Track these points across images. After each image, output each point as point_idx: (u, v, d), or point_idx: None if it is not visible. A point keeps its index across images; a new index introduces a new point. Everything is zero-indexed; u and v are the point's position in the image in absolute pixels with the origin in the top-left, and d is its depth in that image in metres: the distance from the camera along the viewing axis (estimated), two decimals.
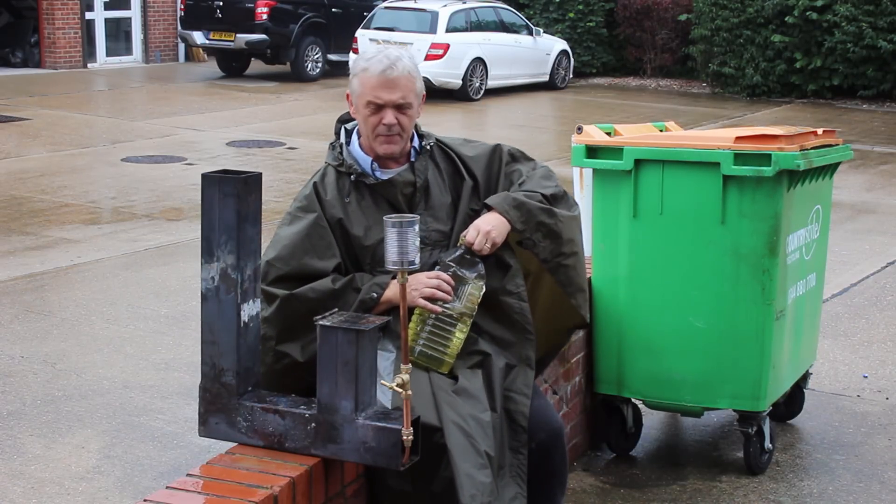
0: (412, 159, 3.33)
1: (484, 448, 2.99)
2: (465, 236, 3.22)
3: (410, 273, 2.87)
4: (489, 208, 3.27)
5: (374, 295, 3.17)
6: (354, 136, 3.37)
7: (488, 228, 3.20)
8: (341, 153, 3.33)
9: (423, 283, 3.15)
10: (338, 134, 3.40)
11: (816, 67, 18.79)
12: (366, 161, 3.31)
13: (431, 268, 3.25)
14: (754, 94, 19.36)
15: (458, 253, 3.21)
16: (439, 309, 3.16)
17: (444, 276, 3.18)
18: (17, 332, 6.25)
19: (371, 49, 3.32)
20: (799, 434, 4.96)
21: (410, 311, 3.15)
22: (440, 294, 3.15)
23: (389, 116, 3.21)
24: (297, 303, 3.12)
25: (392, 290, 3.15)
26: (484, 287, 3.20)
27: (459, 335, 3.19)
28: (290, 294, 3.12)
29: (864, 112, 17.87)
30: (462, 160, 3.39)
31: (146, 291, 7.09)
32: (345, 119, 3.42)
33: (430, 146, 3.36)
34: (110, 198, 10.09)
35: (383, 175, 3.30)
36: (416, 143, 3.36)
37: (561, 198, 3.37)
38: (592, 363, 4.58)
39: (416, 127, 3.37)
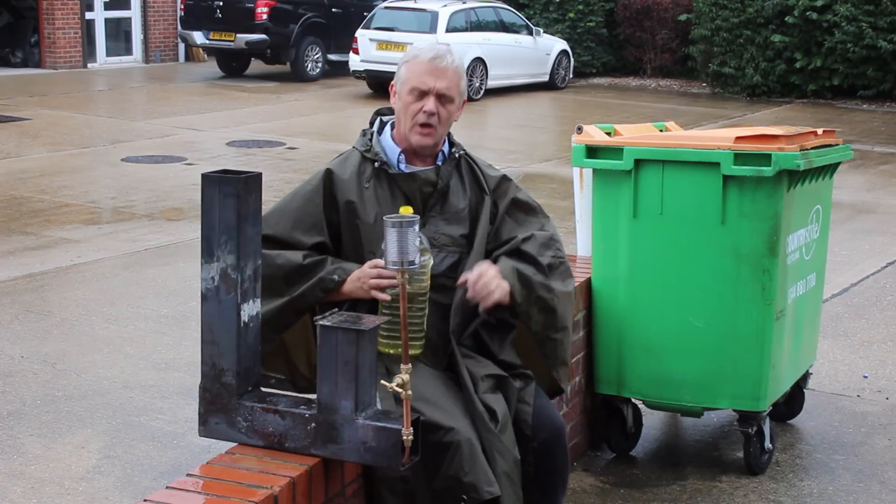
0: (438, 162, 3.35)
1: (520, 492, 3.10)
2: (469, 279, 3.18)
3: (410, 273, 2.87)
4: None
5: (336, 277, 3.19)
6: (388, 128, 3.40)
7: (495, 285, 3.20)
8: (371, 140, 3.36)
9: (367, 275, 3.14)
10: (372, 123, 3.44)
11: (816, 67, 18.80)
12: (393, 151, 3.34)
13: (446, 270, 3.27)
14: (754, 94, 19.36)
15: None
16: (388, 297, 3.11)
17: (381, 261, 3.11)
18: (17, 332, 6.25)
19: (422, 43, 3.36)
20: (799, 434, 4.96)
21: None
22: (385, 282, 3.11)
23: (431, 104, 3.23)
24: (263, 263, 3.11)
25: (350, 286, 3.17)
26: (431, 259, 3.13)
27: (418, 315, 3.13)
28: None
29: (864, 112, 17.87)
30: (485, 177, 3.42)
31: (146, 291, 7.09)
32: (383, 112, 3.46)
33: (459, 155, 3.39)
34: (110, 198, 10.09)
35: (407, 169, 3.32)
36: (445, 148, 3.38)
37: (557, 267, 3.38)
38: (592, 363, 4.58)
39: (450, 134, 3.40)
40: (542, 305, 3.32)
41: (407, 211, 3.06)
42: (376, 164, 3.31)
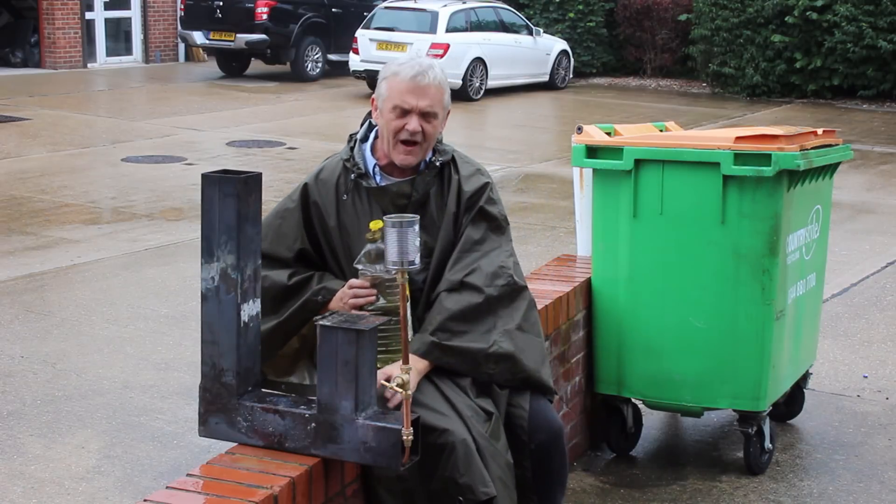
0: (418, 172, 3.31)
1: (514, 495, 3.12)
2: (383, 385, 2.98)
3: (410, 273, 2.87)
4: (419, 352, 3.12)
5: (320, 299, 3.21)
6: (371, 135, 3.36)
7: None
8: (353, 148, 3.33)
9: (347, 296, 3.14)
10: (363, 125, 3.41)
11: (816, 67, 18.80)
12: (370, 162, 3.31)
13: (420, 283, 3.25)
14: (754, 94, 19.36)
15: (363, 251, 3.13)
16: (366, 313, 3.05)
17: (356, 281, 3.13)
18: (17, 332, 6.25)
19: (402, 56, 3.33)
20: (799, 434, 4.96)
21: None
22: (361, 300, 3.10)
23: (414, 123, 3.19)
24: None
25: (334, 305, 3.17)
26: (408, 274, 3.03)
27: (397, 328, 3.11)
28: None
29: (864, 112, 17.87)
30: (459, 186, 3.33)
31: (146, 291, 7.09)
32: None
33: (440, 163, 3.32)
34: (110, 198, 10.09)
35: (382, 181, 3.30)
36: (428, 156, 3.32)
37: (506, 295, 3.22)
38: (592, 363, 4.58)
39: (437, 141, 3.35)
40: (496, 358, 3.17)
41: (376, 226, 3.06)
42: (353, 175, 3.29)
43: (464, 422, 3.05)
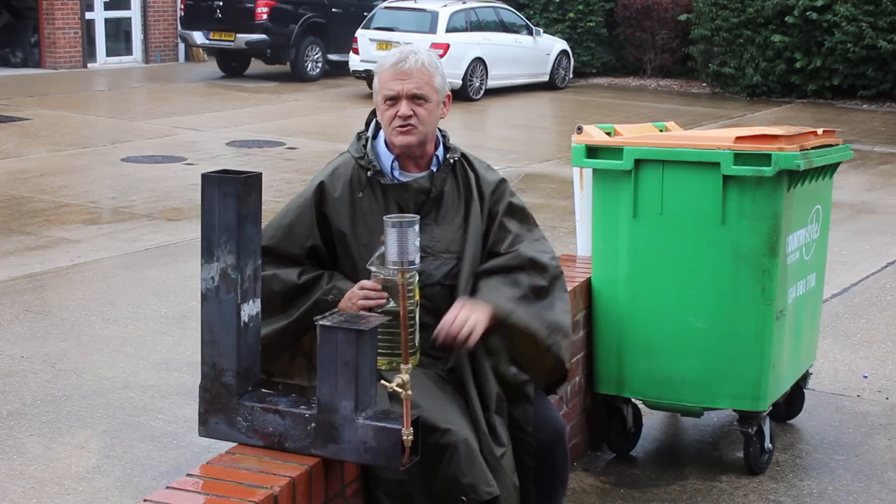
0: (433, 168, 3.32)
1: None
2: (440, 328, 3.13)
3: (411, 273, 2.87)
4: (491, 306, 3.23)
5: (331, 298, 3.20)
6: (381, 133, 3.36)
7: (473, 321, 3.15)
8: (365, 146, 3.33)
9: (357, 297, 3.11)
10: (368, 124, 3.41)
11: (816, 67, 18.80)
12: (387, 159, 3.31)
13: (441, 278, 3.25)
14: (754, 94, 19.36)
15: (377, 253, 3.10)
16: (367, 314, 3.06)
17: (368, 283, 3.10)
18: (17, 332, 6.25)
19: (392, 50, 3.35)
20: (799, 434, 4.96)
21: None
22: (371, 302, 3.07)
23: (404, 107, 3.20)
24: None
25: (343, 305, 3.15)
26: (417, 276, 3.02)
27: (408, 332, 3.10)
28: None
29: (864, 112, 17.87)
30: (479, 181, 3.39)
31: (146, 291, 7.09)
32: None
33: (454, 160, 3.35)
34: (110, 198, 10.09)
35: (401, 177, 3.30)
36: (440, 153, 3.34)
37: (556, 280, 3.40)
38: (592, 363, 4.58)
39: (445, 138, 3.37)
40: (563, 332, 3.35)
41: None
42: (369, 172, 3.28)
43: (467, 422, 3.05)
